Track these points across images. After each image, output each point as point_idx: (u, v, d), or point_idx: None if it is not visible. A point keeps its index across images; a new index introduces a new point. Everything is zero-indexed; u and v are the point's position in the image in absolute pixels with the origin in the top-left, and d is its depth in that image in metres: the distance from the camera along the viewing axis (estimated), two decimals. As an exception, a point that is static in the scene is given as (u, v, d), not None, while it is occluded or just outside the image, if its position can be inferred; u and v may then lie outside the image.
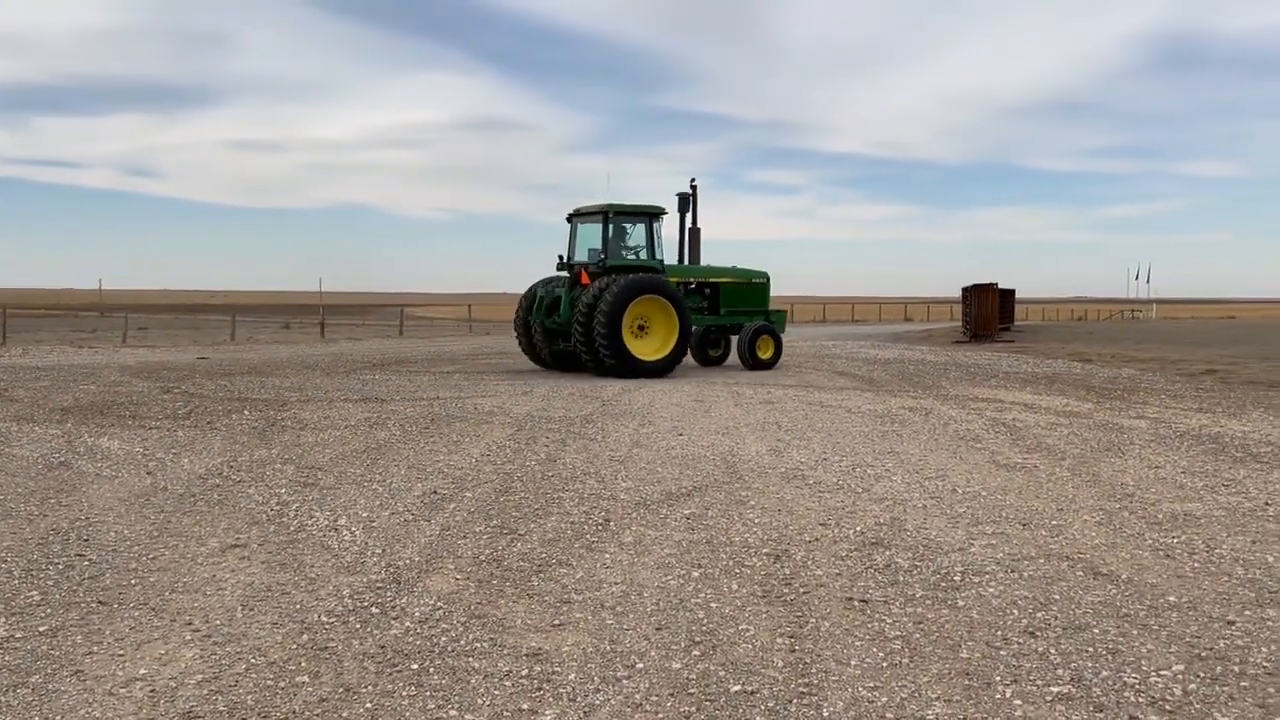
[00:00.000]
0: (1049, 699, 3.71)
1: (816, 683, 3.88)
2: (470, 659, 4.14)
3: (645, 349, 17.99)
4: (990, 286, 35.66)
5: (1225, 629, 4.46)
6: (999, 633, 4.43)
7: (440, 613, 4.71)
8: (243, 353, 24.99)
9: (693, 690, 3.81)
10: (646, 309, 18.08)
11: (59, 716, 3.58)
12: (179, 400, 13.52)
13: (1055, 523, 6.49)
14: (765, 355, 20.21)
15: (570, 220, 19.67)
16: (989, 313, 35.37)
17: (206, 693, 3.79)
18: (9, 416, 11.56)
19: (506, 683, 3.89)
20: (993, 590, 5.05)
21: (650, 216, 19.12)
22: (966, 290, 36.13)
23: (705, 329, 20.76)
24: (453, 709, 3.66)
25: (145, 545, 5.93)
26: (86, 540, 6.03)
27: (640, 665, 4.07)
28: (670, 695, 3.76)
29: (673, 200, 20.20)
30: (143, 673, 3.99)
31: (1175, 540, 6.03)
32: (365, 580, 5.23)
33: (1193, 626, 4.49)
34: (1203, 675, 3.93)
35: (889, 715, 3.58)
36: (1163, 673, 3.95)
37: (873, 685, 3.86)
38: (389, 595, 4.98)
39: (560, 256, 19.26)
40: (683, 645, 4.29)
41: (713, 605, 4.83)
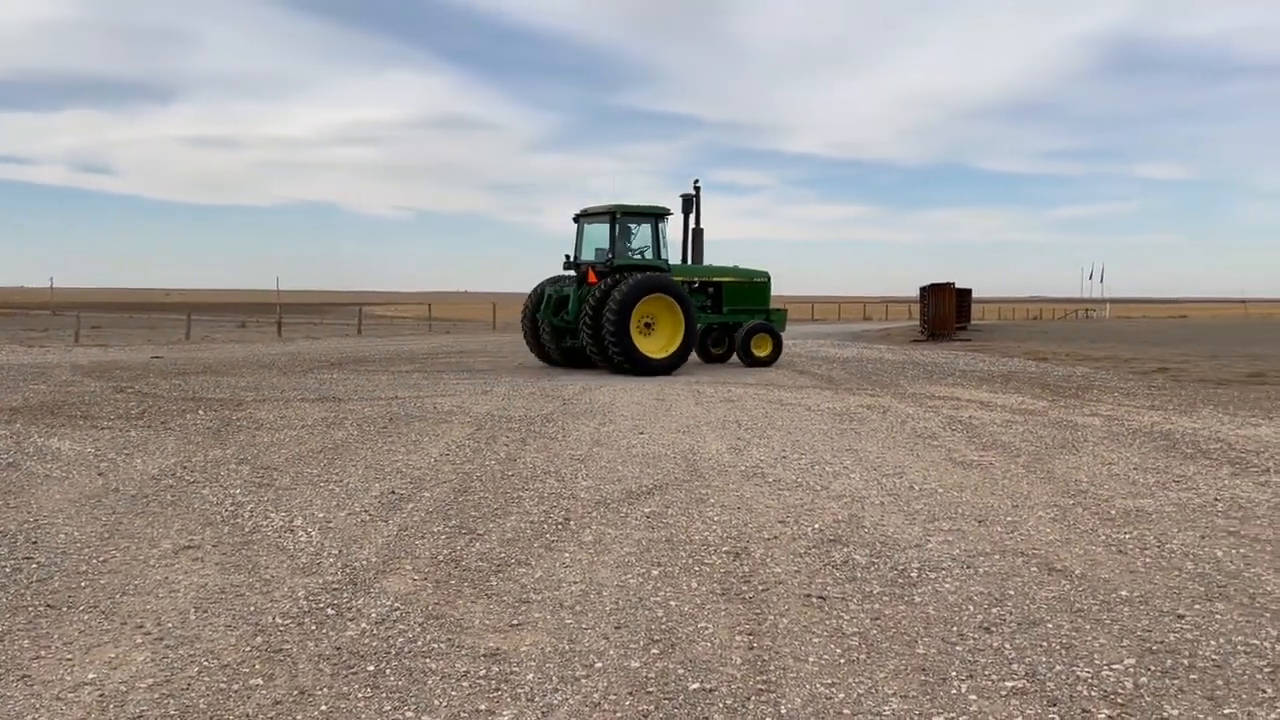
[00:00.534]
0: (1004, 694, 3.75)
1: (774, 680, 3.90)
2: (427, 660, 4.11)
3: (651, 347, 18.31)
4: (947, 286, 36.02)
5: (1175, 623, 4.54)
6: (955, 628, 4.47)
7: (397, 614, 4.67)
8: (198, 352, 24.65)
9: (651, 689, 3.81)
10: (653, 307, 18.41)
11: (4, 723, 3.51)
12: (132, 400, 13.31)
13: (1010, 519, 6.56)
14: (761, 353, 20.32)
15: (577, 221, 20.05)
16: (946, 312, 35.71)
17: (157, 697, 3.73)
18: (-45, 417, 11.31)
19: (464, 683, 3.87)
20: (949, 586, 5.09)
21: (656, 217, 19.50)
22: (924, 290, 36.47)
23: (708, 327, 21.24)
24: (409, 710, 3.63)
25: (96, 547, 5.82)
26: (35, 543, 5.92)
27: (599, 664, 4.06)
28: (629, 694, 3.76)
29: (637, 198, 20.48)
30: (92, 677, 3.92)
31: (1127, 536, 6.12)
32: (321, 581, 5.17)
33: (1144, 621, 4.56)
34: (1153, 669, 3.99)
35: (846, 711, 3.60)
36: (1114, 666, 4.01)
37: (830, 682, 3.88)
38: (345, 596, 4.93)
39: (567, 256, 19.75)
40: (641, 644, 4.29)
41: (672, 604, 4.83)
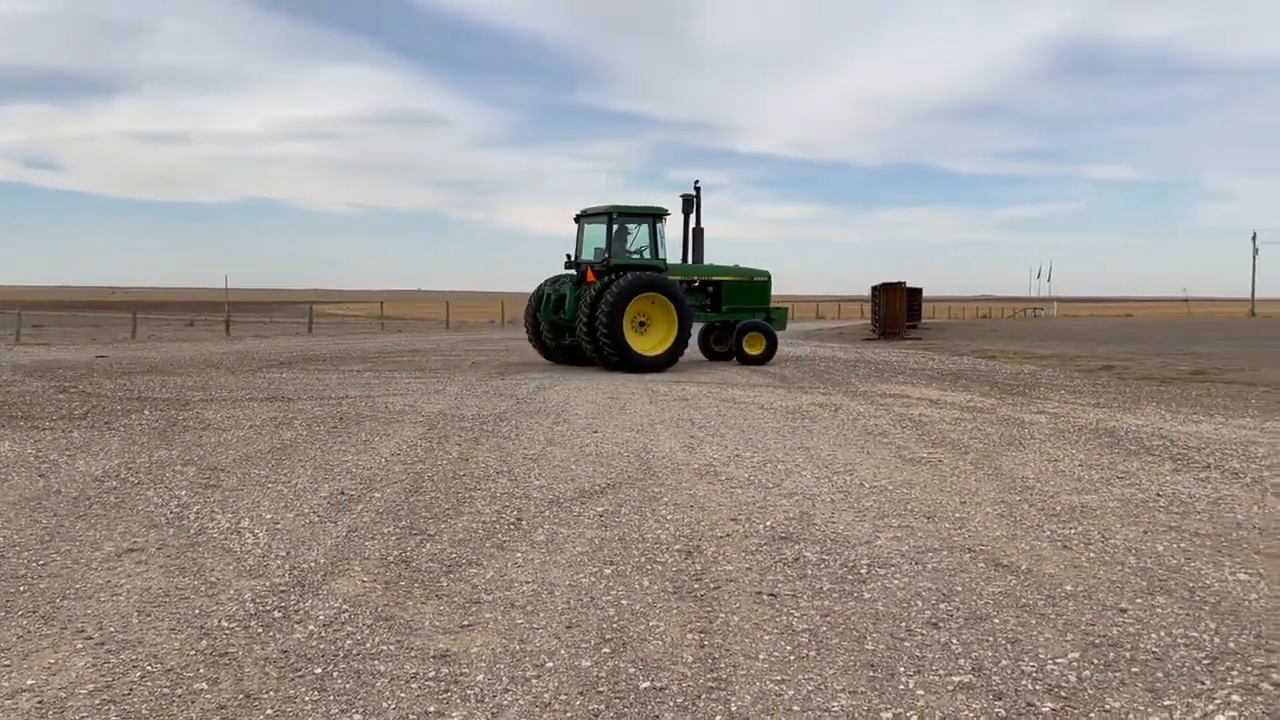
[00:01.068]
0: (950, 688, 3.80)
1: (725, 677, 3.91)
2: (376, 662, 4.07)
3: (646, 344, 18.70)
4: (899, 285, 36.40)
5: (1118, 616, 4.62)
6: (903, 624, 4.51)
7: (346, 615, 4.62)
8: (144, 351, 24.23)
9: (602, 688, 3.80)
10: (647, 306, 18.80)
11: (-62, 732, 3.42)
12: (75, 400, 13.05)
13: (958, 515, 6.64)
14: (754, 351, 20.37)
15: (577, 221, 20.44)
16: (898, 311, 36.08)
17: (99, 702, 3.66)
18: (-111, 418, 11.02)
19: (413, 685, 3.83)
20: (898, 582, 5.14)
21: (654, 217, 19.85)
22: (876, 289, 36.82)
23: (710, 326, 21.67)
24: (357, 713, 3.59)
25: (35, 550, 5.69)
26: (-28, 547, 5.78)
27: (550, 664, 4.04)
28: (579, 694, 3.75)
29: (597, 198, 20.67)
30: (30, 683, 3.83)
31: (1072, 531, 6.22)
32: (268, 584, 5.10)
33: (1088, 615, 4.64)
34: (1096, 662, 4.06)
35: (795, 708, 3.62)
36: (1059, 660, 4.07)
37: (780, 678, 3.90)
38: (293, 599, 4.87)
39: (568, 255, 20.23)
40: (593, 643, 4.28)
41: (624, 602, 4.83)
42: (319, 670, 3.98)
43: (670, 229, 20.26)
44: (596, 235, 19.87)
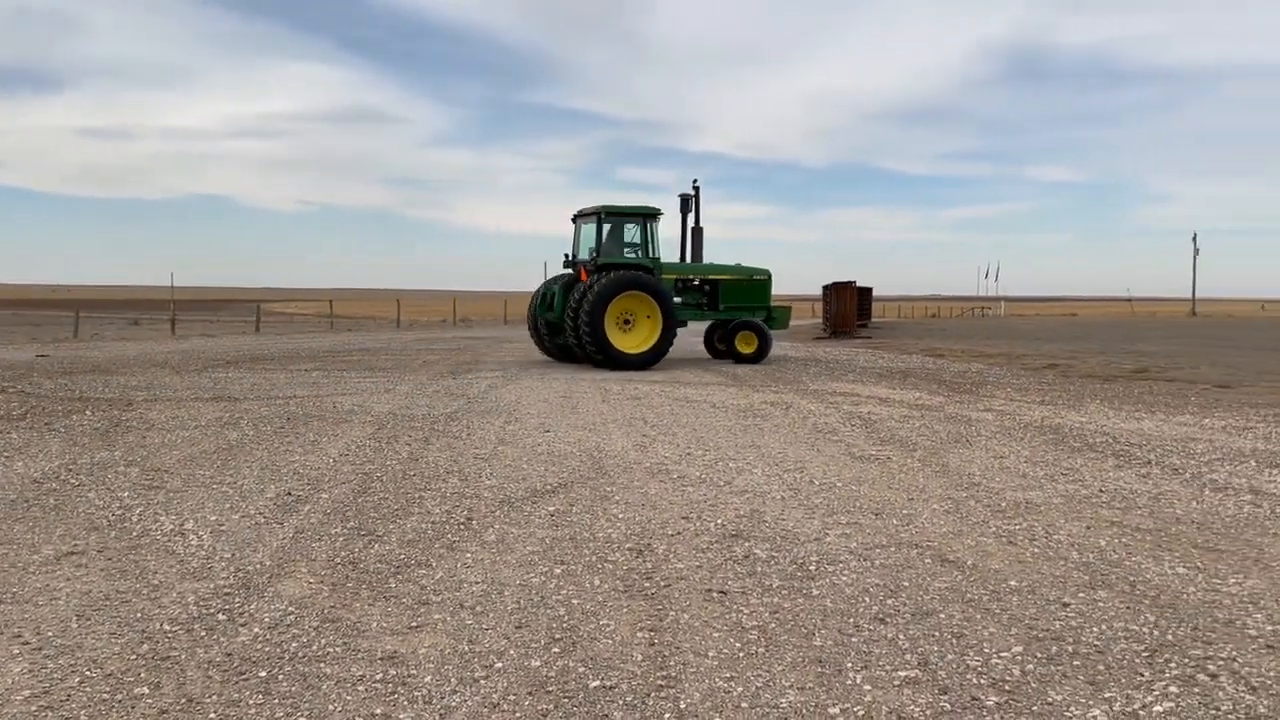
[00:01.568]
0: (897, 683, 3.83)
1: (675, 675, 3.91)
2: (322, 664, 4.02)
3: (630, 342, 18.94)
4: (849, 285, 36.73)
5: (1061, 611, 4.69)
6: (851, 620, 4.55)
7: (292, 618, 4.56)
8: (87, 350, 23.74)
9: (551, 688, 3.79)
10: (632, 304, 19.00)
11: None
12: (13, 400, 12.75)
13: (906, 512, 6.71)
14: (747, 350, 20.37)
15: (575, 221, 20.71)
16: (848, 310, 36.41)
17: (36, 709, 3.57)
18: None
19: (360, 687, 3.79)
20: (846, 579, 5.19)
21: (645, 217, 20.05)
22: (827, 288, 37.13)
23: (714, 324, 21.73)
24: (302, 716, 3.54)
25: (-30, 555, 5.56)
26: (-97, 551, 5.62)
27: (499, 665, 4.02)
28: (529, 694, 3.74)
29: (551, 195, 20.85)
30: (-37, 691, 3.73)
31: (1017, 527, 6.31)
32: (212, 586, 5.02)
33: (1031, 609, 4.71)
34: (1039, 655, 4.12)
35: (744, 705, 3.64)
36: (1003, 654, 4.13)
37: (729, 676, 3.91)
38: (237, 601, 4.79)
39: (566, 255, 20.58)
40: (543, 643, 4.27)
41: (574, 602, 4.82)
42: (264, 673, 3.92)
43: (671, 228, 20.70)
44: (591, 235, 20.09)
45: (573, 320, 18.70)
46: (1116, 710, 3.58)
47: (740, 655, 4.14)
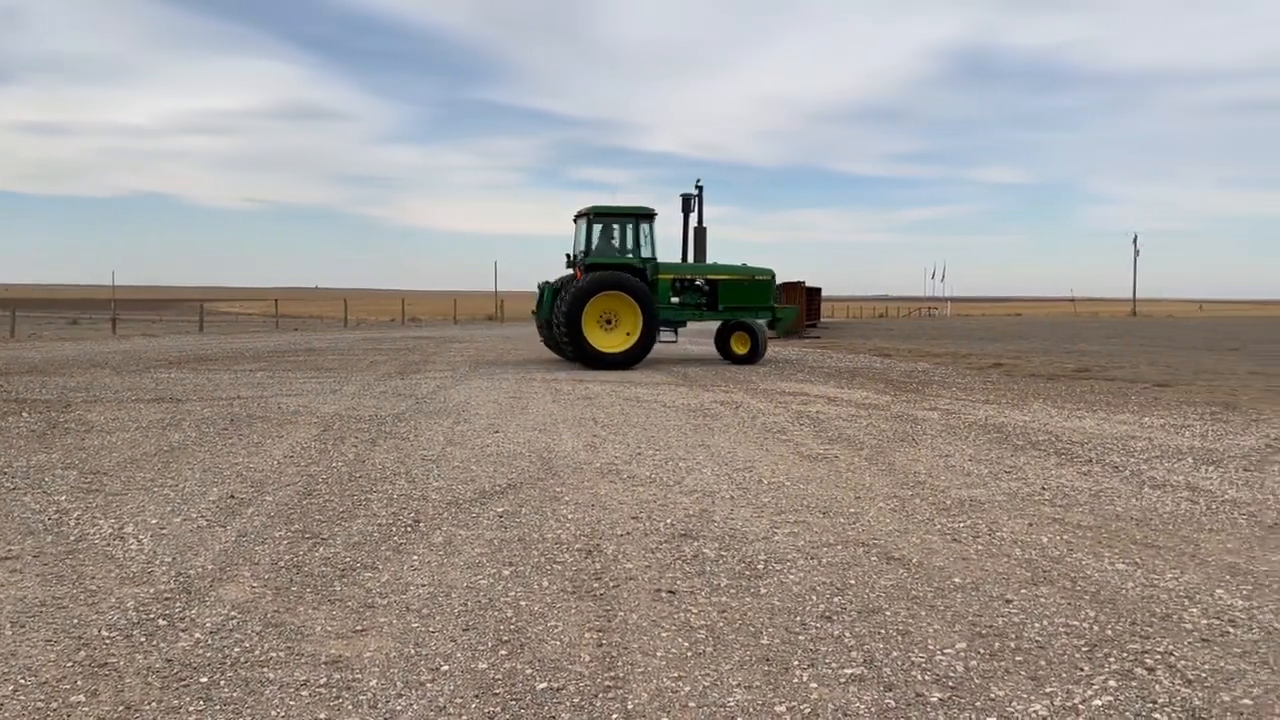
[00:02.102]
0: (843, 681, 3.86)
1: (622, 675, 3.91)
2: (265, 669, 3.96)
3: (611, 341, 19.05)
4: (798, 285, 37.02)
5: (1003, 607, 4.76)
6: (798, 618, 4.58)
7: (234, 622, 4.49)
8: (24, 351, 23.19)
9: (498, 690, 3.77)
10: (614, 304, 19.08)
11: None
12: (-55, 402, 12.41)
13: (853, 510, 6.77)
14: (741, 350, 20.18)
15: (575, 221, 20.87)
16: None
17: (-35, 720, 3.48)
18: None
19: (303, 692, 3.74)
20: (793, 577, 5.22)
21: (636, 217, 20.12)
22: (776, 288, 37.36)
23: (722, 325, 21.35)
24: (244, 723, 3.48)
25: (-101, 562, 5.40)
26: None
27: (445, 668, 3.99)
28: (475, 697, 3.71)
29: (505, 194, 20.90)
30: (-110, 702, 3.62)
31: (961, 525, 6.39)
32: (152, 591, 4.92)
33: (975, 606, 4.77)
34: (982, 652, 4.17)
35: (692, 704, 3.64)
36: (946, 651, 4.18)
37: (677, 675, 3.91)
38: (178, 606, 4.70)
39: (567, 255, 20.68)
40: (490, 645, 4.24)
41: (522, 603, 4.79)
42: (204, 679, 3.85)
43: (673, 228, 20.72)
44: (593, 235, 20.29)
45: (555, 319, 19.00)
46: (1057, 705, 3.64)
47: (688, 655, 4.14)
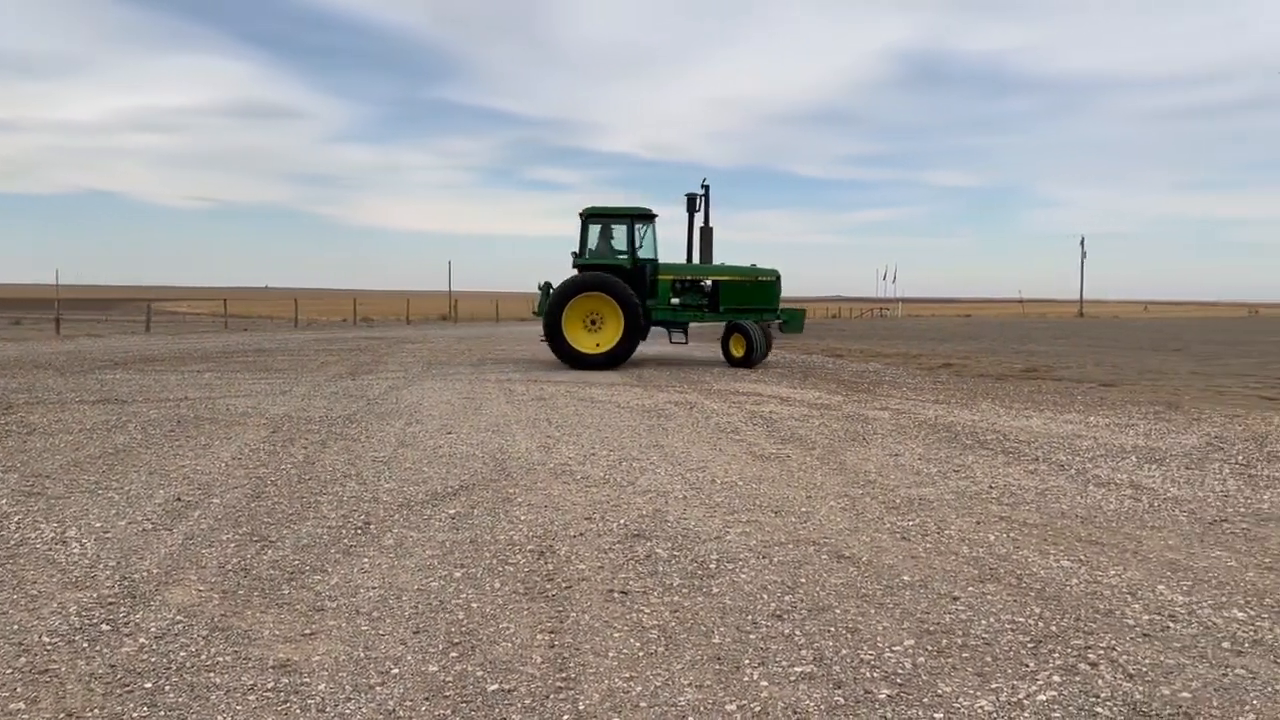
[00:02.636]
0: (793, 679, 3.89)
1: (574, 676, 3.91)
2: (211, 674, 3.90)
3: (594, 342, 19.17)
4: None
5: (951, 604, 4.82)
6: (749, 617, 4.61)
7: (180, 627, 4.42)
8: (-38, 351, 22.65)
9: (449, 693, 3.75)
10: (598, 305, 19.16)
11: None
12: (-120, 404, 12.09)
13: (804, 509, 6.82)
14: (738, 353, 19.77)
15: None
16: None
17: (-101, 730, 3.40)
18: None
19: (250, 697, 3.69)
20: (745, 576, 5.24)
21: (632, 218, 20.09)
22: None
23: (725, 327, 20.80)
24: (189, 729, 3.43)
25: None
26: None
27: (395, 671, 3.96)
28: (425, 699, 3.69)
29: (459, 193, 20.79)
30: None
31: (911, 523, 6.46)
32: (95, 595, 4.83)
33: (923, 603, 4.83)
34: (930, 648, 4.23)
35: (643, 704, 3.65)
36: (895, 648, 4.22)
37: (629, 675, 3.92)
38: (122, 611, 4.62)
39: (574, 254, 20.43)
40: (441, 648, 4.22)
41: (474, 605, 4.77)
42: (149, 685, 3.79)
43: (676, 229, 20.69)
44: (595, 235, 20.31)
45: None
46: (1002, 700, 3.70)
47: (640, 655, 4.15)
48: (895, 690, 3.78)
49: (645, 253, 20.24)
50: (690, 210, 21.08)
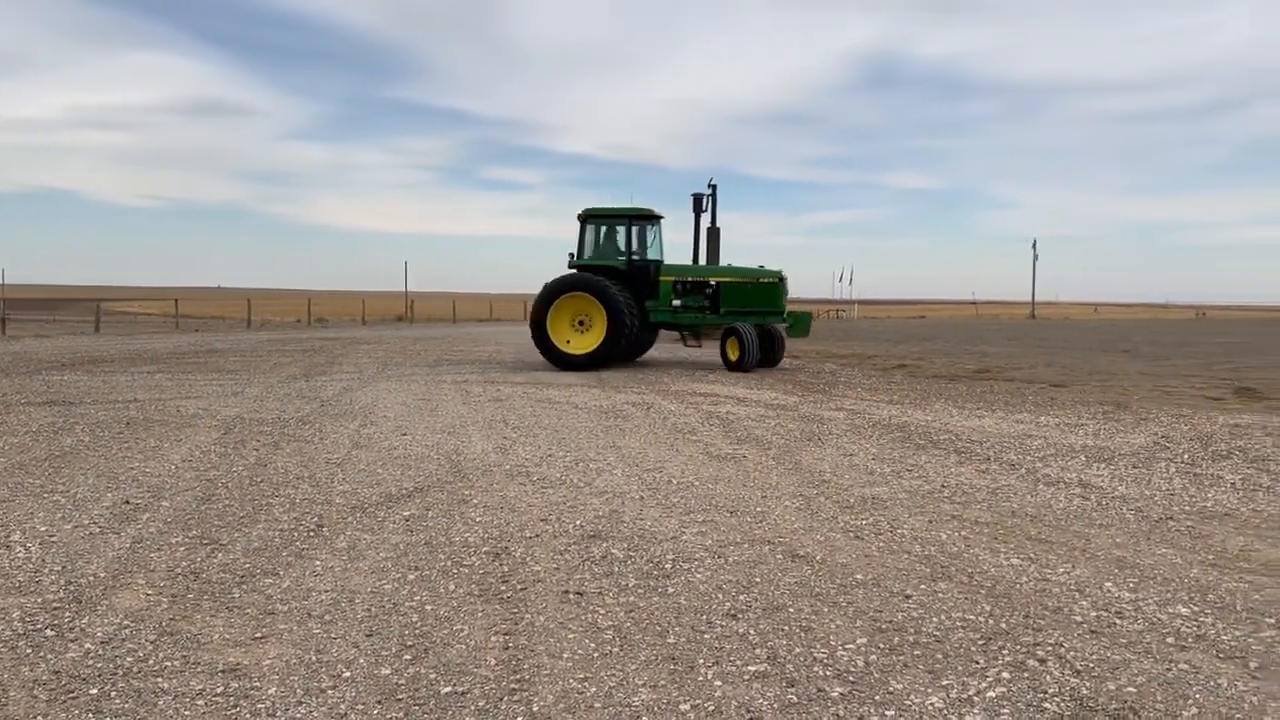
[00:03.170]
0: (747, 678, 3.91)
1: (528, 678, 3.89)
2: (159, 679, 3.84)
3: (581, 344, 19.20)
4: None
5: (903, 602, 4.87)
6: (704, 617, 4.62)
7: (127, 632, 4.35)
8: (-98, 352, 22.12)
9: (402, 695, 3.72)
10: (585, 306, 19.18)
11: None
12: None
13: (760, 509, 6.86)
14: (732, 356, 19.18)
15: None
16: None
17: None
18: None
19: (199, 702, 3.64)
20: (700, 576, 5.26)
21: (630, 219, 20.13)
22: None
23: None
24: (135, 735, 3.38)
25: None
26: None
27: (347, 674, 3.92)
28: (378, 702, 3.66)
29: (414, 193, 20.73)
30: None
31: (864, 522, 6.52)
32: (40, 600, 4.74)
33: (876, 602, 4.87)
34: (882, 646, 4.26)
35: (597, 705, 3.65)
36: (848, 646, 4.26)
37: (583, 676, 3.91)
38: (67, 616, 4.54)
39: (570, 254, 20.62)
40: (394, 650, 4.18)
41: (428, 608, 4.74)
42: (95, 691, 3.73)
43: (680, 230, 20.71)
44: (596, 237, 20.40)
45: None
46: (953, 697, 3.74)
47: (595, 656, 4.15)
48: (848, 688, 3.81)
49: (652, 254, 20.24)
50: (697, 211, 20.82)
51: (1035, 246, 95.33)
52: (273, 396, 13.61)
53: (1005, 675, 3.94)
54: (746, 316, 19.91)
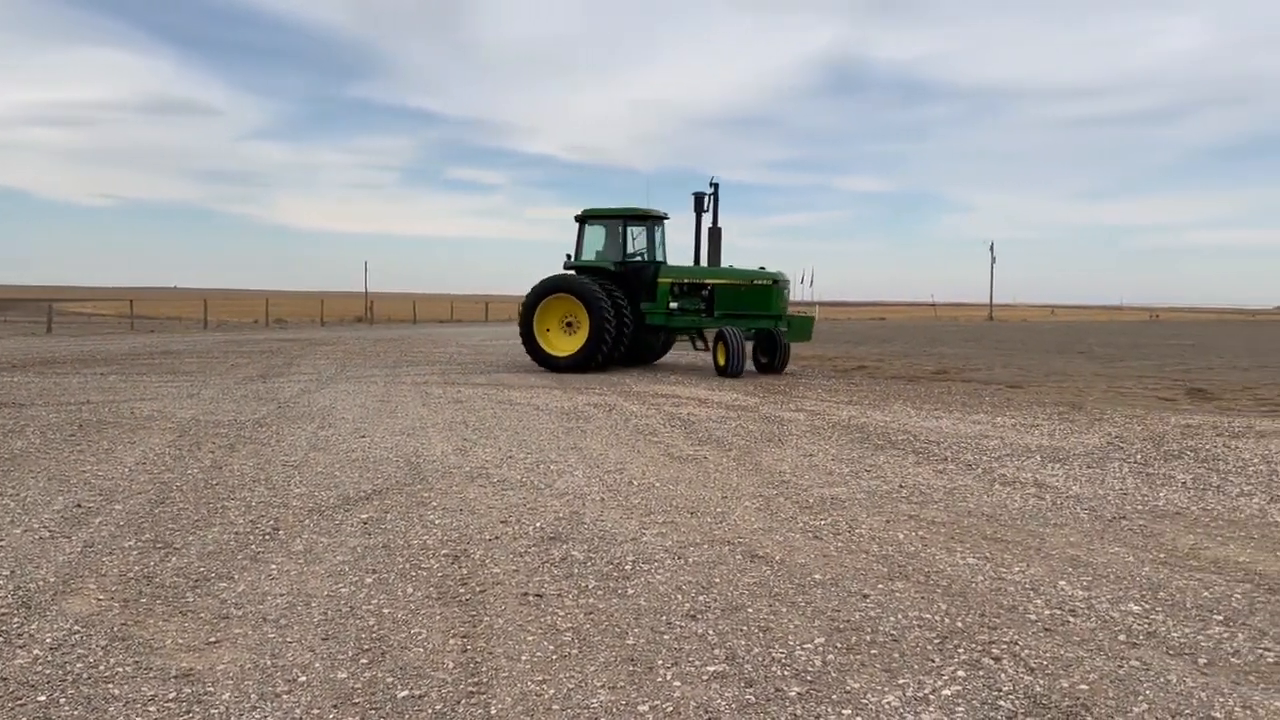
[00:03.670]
0: (705, 678, 3.92)
1: (486, 681, 3.88)
2: (110, 685, 3.78)
3: (568, 345, 19.14)
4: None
5: (861, 602, 4.90)
6: (664, 618, 4.62)
7: (77, 637, 4.27)
8: None
9: (358, 699, 3.69)
10: (572, 308, 19.05)
11: None
12: None
13: (720, 510, 6.88)
14: (720, 361, 18.34)
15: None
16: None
17: None
18: None
19: (151, 708, 3.59)
20: (660, 577, 5.26)
21: (625, 219, 20.02)
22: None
23: (753, 334, 19.44)
24: (85, 743, 3.32)
25: None
26: None
27: (303, 678, 3.88)
28: (334, 707, 3.62)
29: (378, 192, 20.62)
30: None
31: (823, 522, 6.56)
32: (-13, 607, 4.65)
33: (834, 601, 4.90)
34: (840, 645, 4.29)
35: (555, 707, 3.64)
36: (806, 646, 4.28)
37: (542, 679, 3.90)
38: (16, 621, 4.45)
39: (568, 256, 20.60)
40: (350, 654, 4.15)
41: (385, 611, 4.70)
42: (43, 697, 3.66)
43: (682, 231, 20.53)
44: (595, 237, 20.35)
45: None
46: (909, 695, 3.77)
47: (554, 657, 4.14)
48: (805, 687, 3.83)
49: (657, 255, 20.11)
50: (698, 211, 20.27)
51: (993, 249, 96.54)
52: (229, 398, 13.44)
53: (961, 674, 3.98)
54: (741, 320, 19.16)
